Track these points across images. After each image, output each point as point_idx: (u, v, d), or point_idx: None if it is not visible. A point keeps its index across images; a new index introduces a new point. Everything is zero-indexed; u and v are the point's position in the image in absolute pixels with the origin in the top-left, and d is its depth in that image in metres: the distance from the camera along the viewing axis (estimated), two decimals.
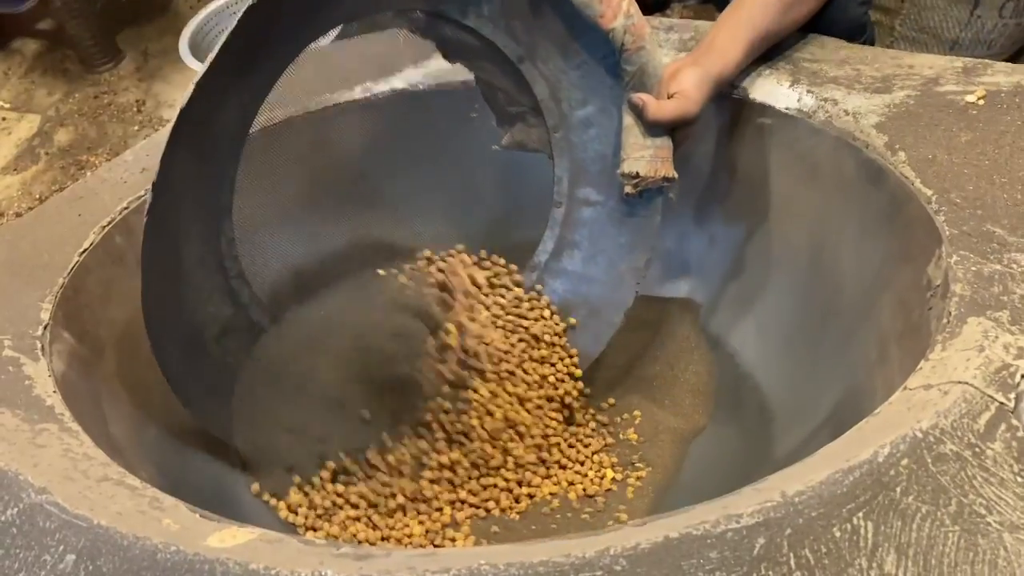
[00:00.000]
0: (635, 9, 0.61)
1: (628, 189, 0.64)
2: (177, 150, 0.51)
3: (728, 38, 0.67)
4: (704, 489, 0.66)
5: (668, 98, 0.62)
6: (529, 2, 0.63)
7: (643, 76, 0.62)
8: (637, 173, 0.63)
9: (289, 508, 0.62)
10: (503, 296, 0.72)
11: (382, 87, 0.78)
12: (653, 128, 0.62)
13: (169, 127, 0.50)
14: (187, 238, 0.57)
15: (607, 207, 0.69)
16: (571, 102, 0.67)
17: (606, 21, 0.60)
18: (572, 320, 0.72)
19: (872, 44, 0.81)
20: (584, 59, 0.64)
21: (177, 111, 0.49)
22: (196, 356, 0.60)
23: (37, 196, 1.45)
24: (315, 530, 0.60)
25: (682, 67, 0.64)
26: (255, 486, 0.63)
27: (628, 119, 0.63)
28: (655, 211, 0.67)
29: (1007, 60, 0.97)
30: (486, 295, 0.71)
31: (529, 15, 0.63)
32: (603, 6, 0.60)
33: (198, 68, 1.34)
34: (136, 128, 1.53)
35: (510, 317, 0.71)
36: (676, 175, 0.64)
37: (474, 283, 0.70)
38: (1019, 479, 0.38)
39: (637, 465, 0.68)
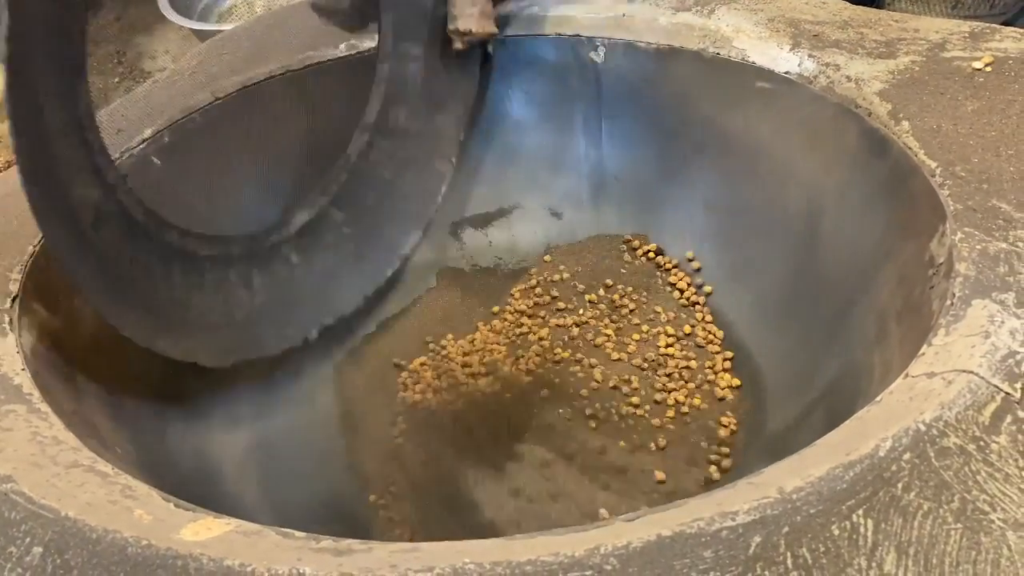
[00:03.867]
0: None
1: (459, 45, 0.69)
2: None
3: None
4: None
5: None
6: None
7: None
8: (470, 30, 0.67)
9: None
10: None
11: (369, 43, 0.75)
12: None
13: None
14: (48, 98, 0.50)
15: (427, 62, 0.72)
16: None
17: None
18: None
19: (881, 6, 0.79)
20: None
21: None
22: (81, 245, 0.54)
23: None
24: None
25: None
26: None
27: None
28: (473, 68, 0.73)
29: (1008, 22, 0.94)
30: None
31: None
32: None
33: (177, 19, 1.29)
34: (116, 80, 1.48)
35: None
36: (497, 31, 0.69)
37: None
38: None
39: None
